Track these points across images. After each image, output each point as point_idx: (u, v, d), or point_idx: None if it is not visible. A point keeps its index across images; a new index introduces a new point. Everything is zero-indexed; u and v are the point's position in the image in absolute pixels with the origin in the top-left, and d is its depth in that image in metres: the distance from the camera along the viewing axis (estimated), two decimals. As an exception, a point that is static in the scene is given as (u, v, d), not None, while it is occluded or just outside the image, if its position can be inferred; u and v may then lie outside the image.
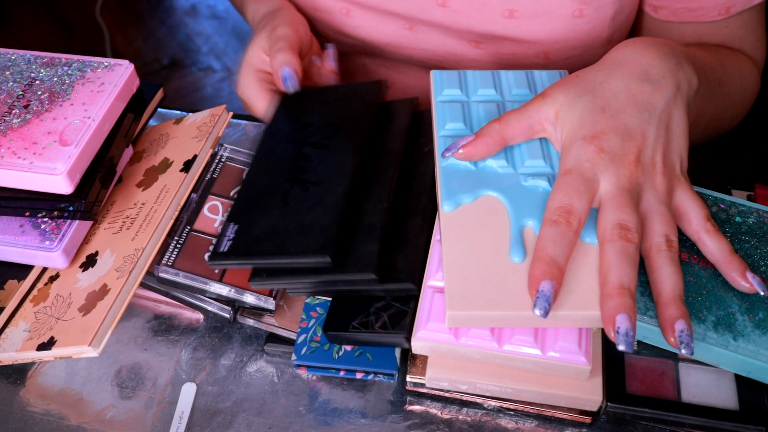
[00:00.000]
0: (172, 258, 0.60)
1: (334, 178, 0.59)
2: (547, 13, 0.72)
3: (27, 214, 0.60)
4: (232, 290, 0.60)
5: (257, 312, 0.61)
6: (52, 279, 0.61)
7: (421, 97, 0.83)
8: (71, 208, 0.60)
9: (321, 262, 0.54)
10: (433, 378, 0.55)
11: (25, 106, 0.63)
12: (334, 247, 0.54)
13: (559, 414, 0.55)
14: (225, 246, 0.56)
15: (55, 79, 0.65)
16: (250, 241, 0.56)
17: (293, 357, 0.58)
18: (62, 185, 0.58)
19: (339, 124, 0.64)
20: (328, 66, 0.73)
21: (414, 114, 0.67)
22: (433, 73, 0.63)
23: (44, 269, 0.62)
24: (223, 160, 0.68)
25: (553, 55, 0.76)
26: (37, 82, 0.65)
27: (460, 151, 0.55)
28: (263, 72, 0.71)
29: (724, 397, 0.54)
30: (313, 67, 0.73)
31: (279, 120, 0.67)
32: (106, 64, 0.67)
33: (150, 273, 0.61)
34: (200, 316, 0.64)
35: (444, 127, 0.59)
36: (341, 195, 0.57)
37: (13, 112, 0.62)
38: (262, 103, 0.69)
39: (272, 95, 0.69)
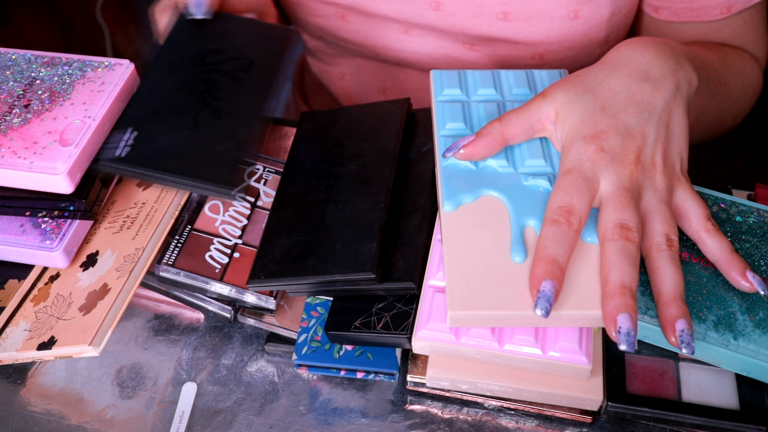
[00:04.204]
0: (173, 257, 0.60)
1: (246, 114, 0.59)
2: (542, 15, 0.72)
3: (27, 213, 0.60)
4: (233, 290, 0.60)
5: (258, 312, 0.61)
6: (53, 278, 0.61)
7: (417, 97, 0.83)
8: (72, 208, 0.60)
9: (224, 194, 0.54)
10: (433, 377, 0.55)
11: (26, 106, 0.63)
12: (235, 183, 0.55)
13: (559, 413, 0.55)
14: (122, 151, 0.54)
15: (56, 78, 0.65)
16: (151, 152, 0.54)
17: (294, 356, 0.58)
18: (63, 185, 0.58)
19: (252, 59, 0.63)
20: None
21: (408, 114, 0.67)
22: (433, 72, 0.63)
23: (45, 269, 0.62)
24: (223, 159, 0.68)
25: (548, 57, 0.76)
26: (38, 81, 0.65)
27: (461, 151, 0.55)
28: None
29: (725, 396, 0.54)
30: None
31: (183, 33, 0.64)
32: (106, 63, 0.67)
33: (150, 272, 0.61)
34: (201, 315, 0.64)
35: (444, 126, 0.59)
36: (253, 133, 0.58)
37: (14, 111, 0.62)
38: (164, 18, 0.65)
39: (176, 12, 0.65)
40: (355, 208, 0.59)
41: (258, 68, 0.62)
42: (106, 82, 0.64)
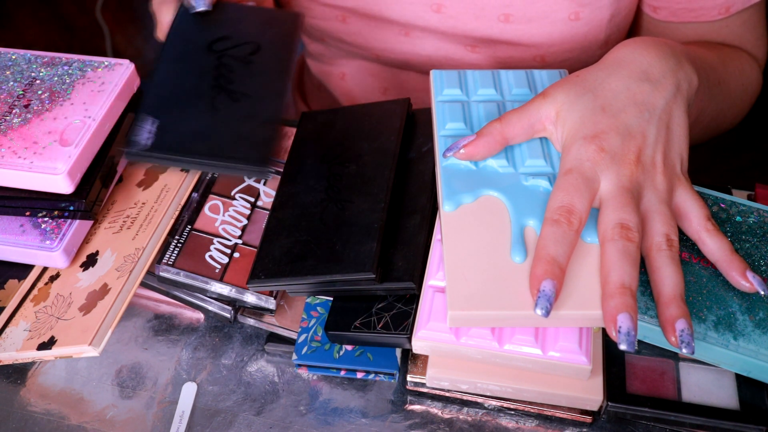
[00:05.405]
0: (173, 257, 0.60)
1: (266, 94, 0.59)
2: (543, 17, 0.72)
3: (27, 213, 0.60)
4: (233, 290, 0.60)
5: (258, 312, 0.61)
6: (53, 278, 0.61)
7: (419, 98, 0.83)
8: (72, 208, 0.60)
9: (257, 172, 0.55)
10: (433, 378, 0.55)
11: (26, 106, 0.63)
12: (269, 161, 0.55)
13: (559, 413, 0.55)
14: (147, 138, 0.54)
15: (56, 78, 0.65)
16: (177, 137, 0.55)
17: (294, 356, 0.58)
18: (63, 185, 0.58)
19: (260, 43, 0.63)
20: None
21: (408, 114, 0.67)
22: (433, 72, 0.63)
23: (45, 269, 0.62)
24: (223, 159, 0.68)
25: (549, 58, 0.76)
26: (38, 81, 0.65)
27: (462, 150, 0.55)
28: None
29: (725, 396, 0.54)
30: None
31: (186, 25, 0.64)
32: (106, 63, 0.67)
33: (150, 272, 0.61)
34: (201, 315, 0.64)
35: (444, 126, 0.59)
36: (278, 111, 0.58)
37: (14, 111, 0.62)
38: (164, 11, 0.65)
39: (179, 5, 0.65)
40: (355, 208, 0.59)
41: (267, 51, 0.63)
42: (106, 82, 0.64)
